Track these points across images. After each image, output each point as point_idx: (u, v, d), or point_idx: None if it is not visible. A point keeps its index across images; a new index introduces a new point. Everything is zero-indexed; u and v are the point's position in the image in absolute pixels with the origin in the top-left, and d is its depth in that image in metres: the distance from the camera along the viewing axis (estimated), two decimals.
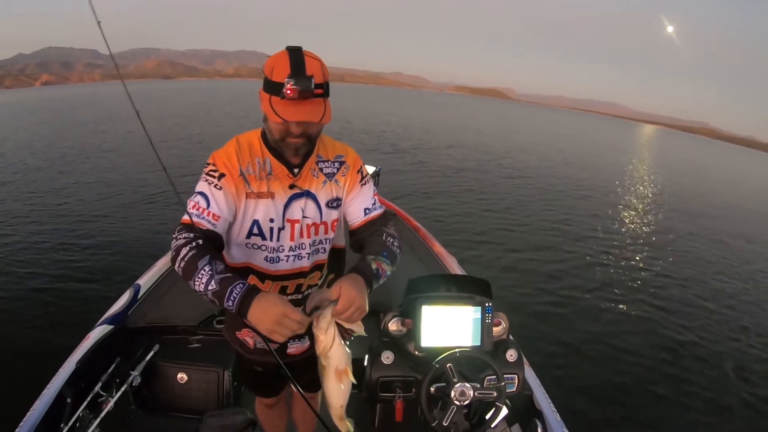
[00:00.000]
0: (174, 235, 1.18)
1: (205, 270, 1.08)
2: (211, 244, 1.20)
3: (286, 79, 1.09)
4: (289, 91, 1.09)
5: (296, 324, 1.04)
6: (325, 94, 1.16)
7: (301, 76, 1.09)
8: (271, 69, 1.13)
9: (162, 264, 2.89)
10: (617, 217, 10.01)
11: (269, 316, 1.02)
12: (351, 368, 1.20)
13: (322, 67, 1.14)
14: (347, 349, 1.19)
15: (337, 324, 1.15)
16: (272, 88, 1.13)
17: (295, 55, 1.11)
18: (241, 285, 1.07)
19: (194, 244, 1.14)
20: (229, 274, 1.10)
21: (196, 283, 1.09)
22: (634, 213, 10.72)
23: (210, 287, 1.07)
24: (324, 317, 1.10)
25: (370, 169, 1.61)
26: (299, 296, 1.45)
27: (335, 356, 1.15)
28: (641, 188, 14.55)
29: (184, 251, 1.12)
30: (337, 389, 1.19)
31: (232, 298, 1.05)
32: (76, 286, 4.70)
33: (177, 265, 1.13)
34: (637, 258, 7.32)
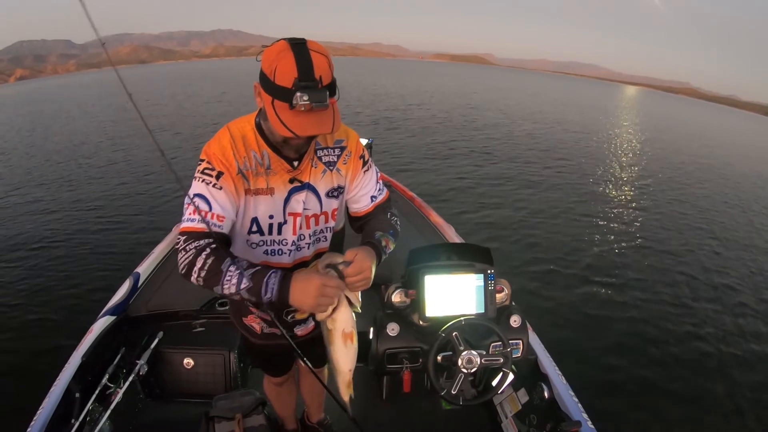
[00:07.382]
0: (180, 247, 1.11)
1: (231, 271, 1.06)
2: (222, 245, 1.15)
3: (294, 86, 0.97)
4: (301, 106, 0.99)
5: (336, 290, 1.08)
6: (333, 93, 1.05)
7: (312, 85, 0.98)
8: (273, 69, 0.99)
9: (160, 250, 2.86)
10: (615, 179, 10.01)
11: (310, 293, 1.05)
12: (356, 332, 1.21)
13: (329, 64, 1.02)
14: (352, 312, 1.20)
15: None
16: (277, 92, 1.00)
17: (301, 53, 0.98)
18: (274, 274, 1.06)
19: (208, 250, 1.08)
20: (258, 267, 1.08)
21: (225, 286, 1.06)
22: (631, 176, 10.68)
23: (243, 285, 1.05)
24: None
25: (363, 142, 1.56)
26: None
27: (341, 318, 1.17)
28: (633, 152, 14.50)
29: (200, 261, 1.07)
30: (344, 352, 1.21)
31: (270, 289, 1.04)
32: (76, 279, 4.65)
33: (195, 276, 1.08)
34: (636, 219, 7.38)
